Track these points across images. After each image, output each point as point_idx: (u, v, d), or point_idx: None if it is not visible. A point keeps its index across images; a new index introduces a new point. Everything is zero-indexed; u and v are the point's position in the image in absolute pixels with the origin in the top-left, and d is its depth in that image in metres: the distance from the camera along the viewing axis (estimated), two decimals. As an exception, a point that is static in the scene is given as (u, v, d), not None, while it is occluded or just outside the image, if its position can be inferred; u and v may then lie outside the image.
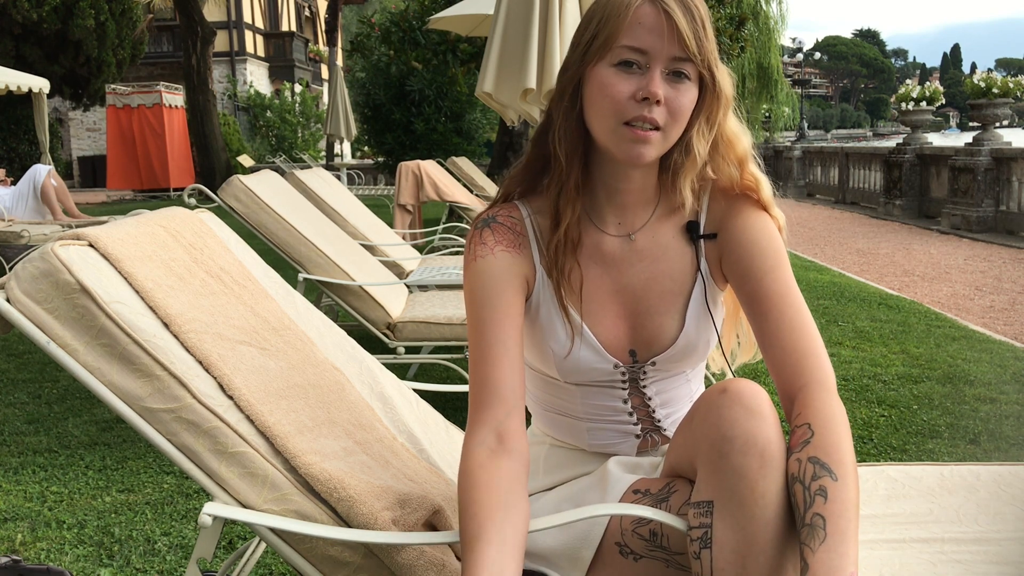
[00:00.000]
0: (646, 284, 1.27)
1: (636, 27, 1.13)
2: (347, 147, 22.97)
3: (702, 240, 1.28)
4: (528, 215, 1.29)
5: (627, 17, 1.13)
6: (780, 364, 1.15)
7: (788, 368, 1.14)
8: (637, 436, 1.33)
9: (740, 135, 1.25)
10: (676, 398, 1.34)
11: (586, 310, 1.26)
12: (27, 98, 9.77)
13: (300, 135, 25.08)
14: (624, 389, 1.31)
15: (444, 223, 7.22)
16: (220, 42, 22.80)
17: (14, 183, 7.46)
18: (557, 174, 1.24)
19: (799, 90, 26.05)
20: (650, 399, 1.32)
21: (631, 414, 1.32)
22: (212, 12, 22.75)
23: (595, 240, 1.28)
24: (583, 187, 1.27)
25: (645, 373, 1.30)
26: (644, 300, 1.27)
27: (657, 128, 1.15)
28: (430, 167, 7.57)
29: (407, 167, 7.46)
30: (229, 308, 1.37)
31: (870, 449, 2.95)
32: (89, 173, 23.37)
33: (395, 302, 3.57)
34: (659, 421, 1.33)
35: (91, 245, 1.21)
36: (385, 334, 3.37)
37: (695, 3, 1.14)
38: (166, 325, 1.20)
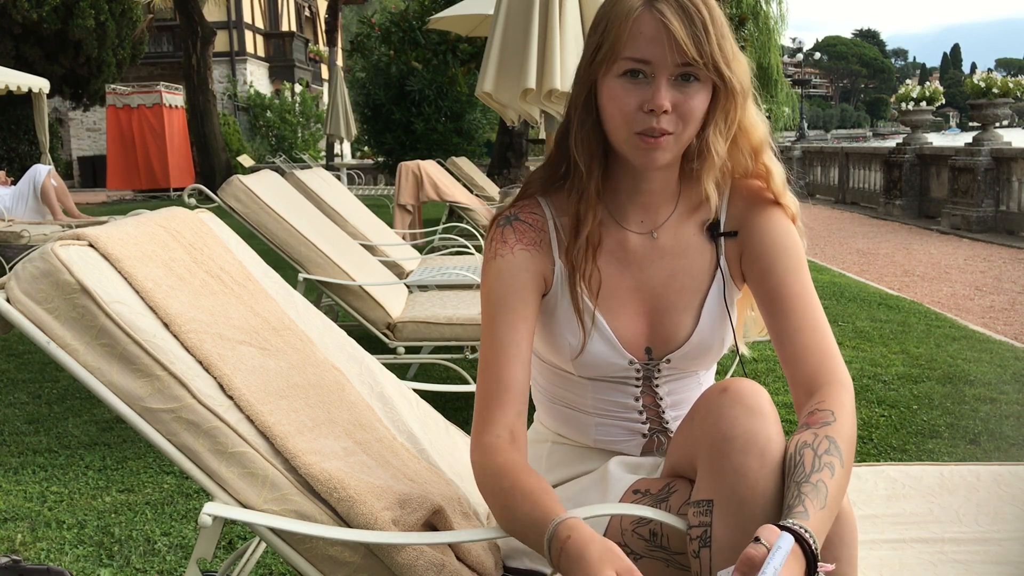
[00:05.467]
0: (666, 281, 1.28)
1: (637, 37, 1.13)
2: (347, 147, 22.97)
3: (722, 238, 1.29)
4: (550, 212, 1.29)
5: (627, 28, 1.14)
6: (801, 361, 1.17)
7: (810, 366, 1.16)
8: (644, 436, 1.33)
9: (756, 124, 1.25)
10: (687, 400, 1.34)
11: (605, 306, 1.27)
12: (27, 98, 9.76)
13: (300, 135, 25.07)
14: (637, 386, 1.31)
15: (444, 223, 7.21)
16: (220, 42, 22.79)
17: (14, 183, 7.46)
18: (577, 180, 1.25)
19: (799, 90, 26.03)
20: (661, 399, 1.32)
21: (641, 412, 1.32)
22: (212, 12, 22.73)
23: (618, 238, 1.28)
24: (604, 187, 1.28)
25: (659, 371, 1.31)
26: (664, 297, 1.28)
27: (668, 133, 1.16)
28: (430, 167, 7.57)
29: (407, 167, 7.46)
30: (229, 308, 1.37)
31: (870, 449, 2.95)
32: (89, 173, 23.37)
33: (395, 302, 3.57)
34: (667, 422, 1.33)
35: (91, 245, 1.21)
36: (385, 334, 3.37)
37: (696, 4, 1.13)
38: (166, 325, 1.20)
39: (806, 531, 0.92)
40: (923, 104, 11.83)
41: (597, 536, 0.97)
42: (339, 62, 17.79)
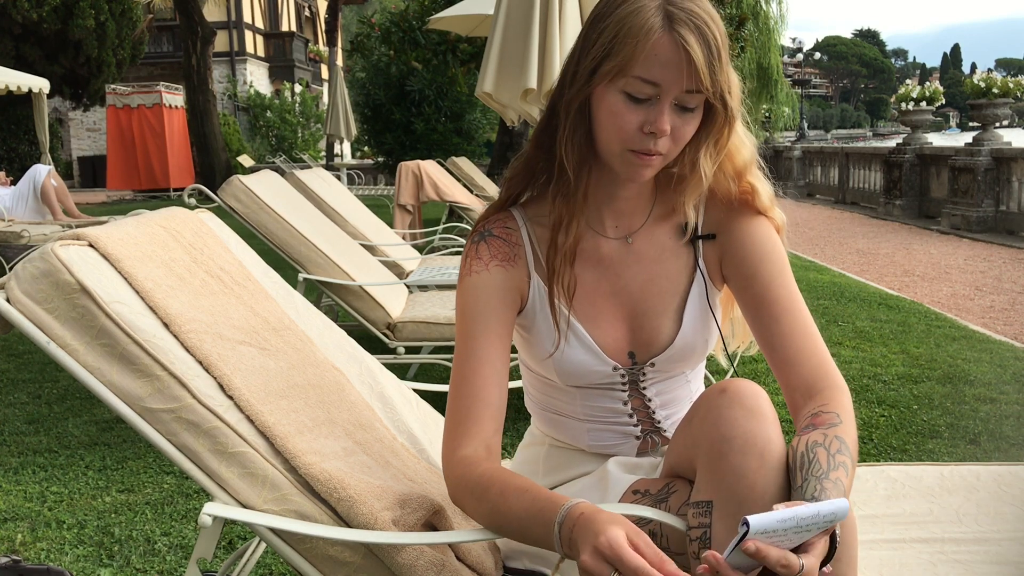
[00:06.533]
0: (643, 286, 1.28)
1: (652, 59, 1.09)
2: (347, 147, 22.96)
3: (700, 241, 1.29)
4: (524, 223, 1.29)
5: (644, 48, 1.08)
6: (796, 365, 1.17)
7: (806, 370, 1.16)
8: (637, 437, 1.33)
9: (741, 147, 1.24)
10: (676, 399, 1.34)
11: (584, 313, 1.27)
12: (27, 98, 9.76)
13: (300, 135, 25.07)
14: (624, 391, 1.31)
15: (444, 223, 7.22)
16: (220, 42, 22.78)
17: (14, 183, 7.46)
18: (563, 184, 1.22)
19: (799, 90, 26.02)
20: (650, 400, 1.32)
21: (631, 415, 1.32)
22: (212, 12, 22.73)
23: (593, 244, 1.28)
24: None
25: (645, 375, 1.30)
26: (642, 302, 1.28)
27: (661, 155, 1.16)
28: (430, 167, 7.57)
29: (407, 167, 7.46)
30: (229, 308, 1.37)
31: (870, 449, 2.95)
32: (89, 173, 23.36)
33: (395, 302, 3.57)
34: (659, 422, 1.33)
35: (91, 245, 1.21)
36: (385, 334, 3.37)
37: (712, 29, 1.09)
38: (166, 325, 1.20)
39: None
40: (923, 104, 11.83)
41: (604, 511, 0.98)
42: (339, 62, 17.79)
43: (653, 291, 1.28)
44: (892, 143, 13.73)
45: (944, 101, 12.79)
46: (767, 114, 18.75)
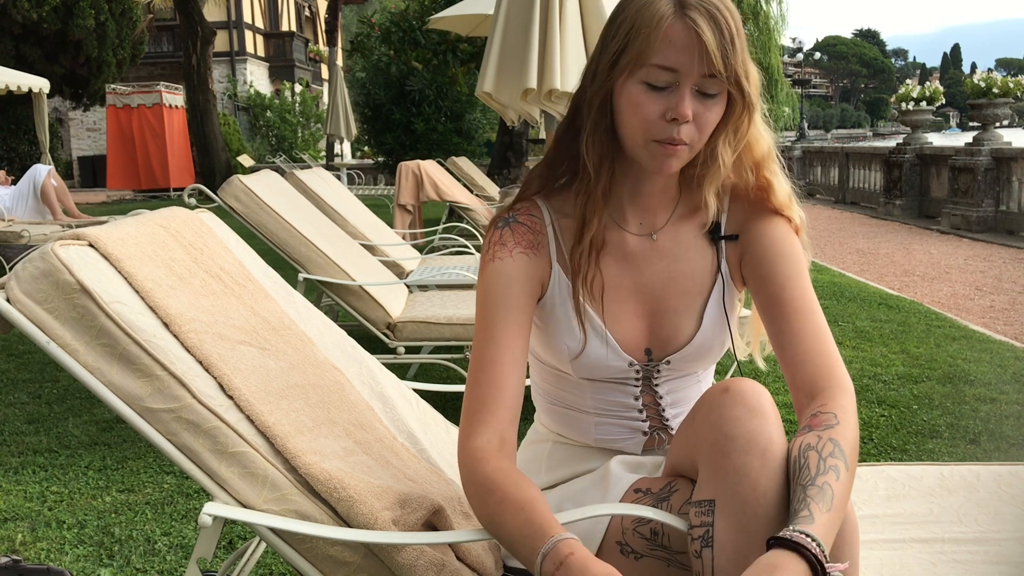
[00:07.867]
0: (665, 283, 1.28)
1: (666, 45, 1.11)
2: (347, 147, 22.96)
3: (723, 241, 1.29)
4: (549, 213, 1.29)
5: (658, 34, 1.10)
6: (802, 365, 1.16)
7: (811, 370, 1.15)
8: (644, 433, 1.33)
9: (760, 138, 1.24)
10: (686, 398, 1.34)
11: (604, 308, 1.27)
12: (27, 98, 9.77)
13: (300, 135, 25.08)
14: (637, 386, 1.31)
15: (444, 223, 7.21)
16: (220, 42, 22.79)
17: (14, 183, 7.46)
18: (584, 182, 1.23)
19: (799, 90, 26.01)
20: (661, 398, 1.33)
21: (641, 411, 1.33)
22: (212, 12, 22.73)
23: (617, 239, 1.28)
24: (609, 190, 1.27)
25: (659, 372, 1.31)
26: (663, 299, 1.28)
27: (686, 144, 1.15)
28: (430, 167, 7.57)
29: (407, 167, 7.46)
30: (229, 308, 1.37)
31: (870, 449, 2.95)
32: (89, 173, 23.37)
33: (395, 302, 3.57)
34: (668, 420, 1.34)
35: (91, 245, 1.21)
36: (385, 334, 3.37)
37: (724, 14, 1.11)
38: (166, 325, 1.20)
39: (811, 537, 0.92)
40: (923, 104, 11.81)
41: (597, 560, 0.96)
42: (339, 62, 17.78)
43: (675, 289, 1.28)
44: (892, 143, 13.72)
45: (944, 101, 12.77)
46: (767, 114, 18.73)
